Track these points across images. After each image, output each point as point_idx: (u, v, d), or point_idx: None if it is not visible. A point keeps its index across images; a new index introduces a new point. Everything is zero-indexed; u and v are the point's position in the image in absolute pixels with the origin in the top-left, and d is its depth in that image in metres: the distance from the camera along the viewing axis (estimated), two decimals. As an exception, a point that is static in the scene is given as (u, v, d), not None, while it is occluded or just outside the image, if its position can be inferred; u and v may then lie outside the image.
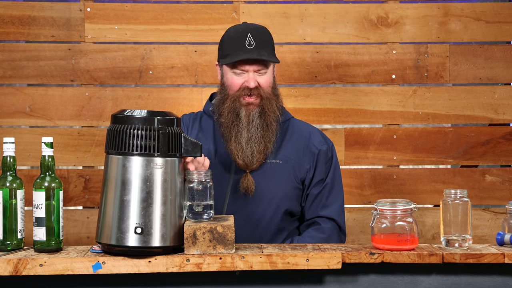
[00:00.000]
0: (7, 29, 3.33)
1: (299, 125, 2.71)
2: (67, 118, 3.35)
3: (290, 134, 2.66)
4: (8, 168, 2.20)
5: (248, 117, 2.55)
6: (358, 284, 2.16)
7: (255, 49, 2.53)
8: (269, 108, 2.56)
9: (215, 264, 2.10)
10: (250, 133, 2.55)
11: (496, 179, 3.42)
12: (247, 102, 2.55)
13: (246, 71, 2.54)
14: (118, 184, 2.11)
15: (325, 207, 2.62)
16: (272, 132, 2.57)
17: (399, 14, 3.40)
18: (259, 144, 2.55)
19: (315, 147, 2.64)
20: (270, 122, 2.57)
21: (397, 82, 3.41)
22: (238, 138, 2.55)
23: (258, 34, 2.57)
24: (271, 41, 2.61)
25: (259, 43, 2.55)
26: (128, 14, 3.36)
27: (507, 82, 3.46)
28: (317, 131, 2.71)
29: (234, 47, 2.55)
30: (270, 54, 2.57)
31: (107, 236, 2.11)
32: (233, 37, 2.57)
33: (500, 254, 2.14)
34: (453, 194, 2.22)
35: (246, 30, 2.57)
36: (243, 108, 2.55)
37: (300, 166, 2.61)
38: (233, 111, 2.56)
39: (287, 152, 2.62)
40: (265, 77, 2.57)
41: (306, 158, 2.63)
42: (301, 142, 2.64)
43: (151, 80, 3.37)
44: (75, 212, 3.38)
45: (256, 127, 2.55)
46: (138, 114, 2.12)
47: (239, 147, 2.55)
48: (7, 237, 2.18)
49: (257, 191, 2.57)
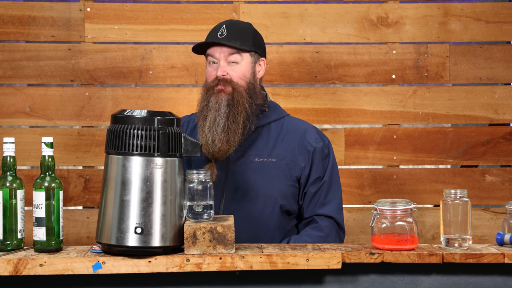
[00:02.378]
0: (7, 29, 3.33)
1: (294, 122, 2.69)
2: (67, 118, 3.35)
3: (285, 132, 2.64)
4: (8, 168, 2.20)
5: (215, 104, 2.53)
6: (358, 284, 2.17)
7: (225, 38, 2.55)
8: (238, 99, 2.53)
9: (215, 264, 2.10)
10: (215, 120, 2.51)
11: (496, 179, 3.42)
12: (218, 89, 2.54)
13: (218, 59, 2.56)
14: (118, 184, 2.11)
15: (323, 205, 2.61)
16: (237, 123, 2.52)
17: (399, 14, 3.40)
18: (221, 133, 2.50)
19: (310, 145, 2.62)
20: (237, 114, 2.53)
21: (397, 82, 3.41)
22: (203, 127, 2.53)
23: (234, 26, 2.59)
24: (249, 35, 2.59)
25: (231, 34, 2.55)
26: (128, 14, 3.36)
27: (507, 82, 3.46)
28: (313, 128, 2.69)
29: (208, 37, 2.60)
30: (243, 45, 2.56)
31: (107, 236, 2.11)
32: (211, 30, 2.62)
33: (500, 254, 2.14)
34: (453, 194, 2.22)
35: (224, 22, 2.60)
36: (213, 96, 2.54)
37: (295, 164, 2.59)
38: (205, 100, 2.56)
39: (282, 151, 2.60)
40: (237, 68, 2.56)
41: (301, 156, 2.60)
42: (296, 140, 2.62)
43: (151, 80, 3.37)
44: (75, 212, 3.38)
45: (221, 115, 2.51)
46: (138, 114, 2.12)
47: (203, 136, 2.52)
48: (7, 237, 2.18)
49: (252, 189, 2.56)
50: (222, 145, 2.51)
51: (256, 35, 2.63)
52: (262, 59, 2.64)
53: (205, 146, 2.51)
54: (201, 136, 2.53)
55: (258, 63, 2.63)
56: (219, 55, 2.55)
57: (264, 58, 2.65)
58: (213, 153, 2.52)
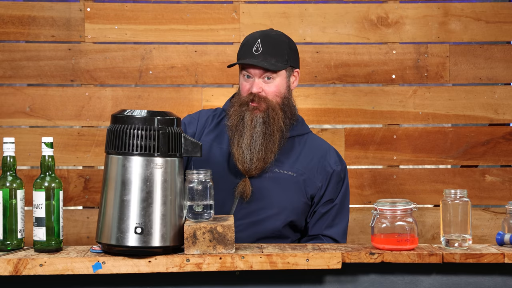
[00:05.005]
0: (7, 29, 3.34)
1: (317, 141, 2.69)
2: (67, 118, 3.35)
3: (307, 148, 2.64)
4: (8, 168, 2.20)
5: (251, 122, 2.54)
6: (358, 284, 2.17)
7: (261, 55, 2.53)
8: (274, 117, 2.54)
9: (215, 264, 2.10)
10: (252, 139, 2.53)
11: (496, 179, 3.42)
12: (253, 107, 2.54)
13: (253, 76, 2.55)
14: (118, 184, 2.11)
15: (330, 227, 2.62)
16: (273, 142, 2.54)
17: (399, 14, 3.40)
18: (259, 151, 2.53)
19: (330, 167, 2.62)
20: (273, 132, 2.54)
21: (397, 82, 3.41)
22: (240, 143, 2.54)
23: (269, 40, 2.56)
24: (284, 49, 2.57)
25: (266, 50, 2.54)
26: (128, 14, 3.36)
27: (507, 82, 3.46)
28: (334, 150, 2.69)
29: (243, 51, 2.57)
30: (279, 62, 2.54)
31: (107, 236, 2.11)
32: (245, 42, 2.59)
33: (500, 254, 2.14)
34: (453, 194, 2.22)
35: (258, 35, 2.57)
36: (248, 113, 2.54)
37: (312, 183, 2.60)
38: (239, 115, 2.56)
39: (302, 167, 2.60)
40: (271, 85, 2.55)
41: (320, 176, 2.61)
42: (317, 159, 2.62)
43: (151, 80, 3.37)
44: (75, 212, 3.38)
45: (258, 133, 2.53)
46: (138, 114, 2.12)
47: (240, 152, 2.54)
48: (7, 237, 2.18)
49: (268, 198, 2.55)
50: (259, 163, 2.53)
51: (291, 46, 2.60)
52: (297, 70, 2.63)
53: (241, 163, 2.53)
54: (236, 151, 2.54)
55: (293, 75, 2.62)
56: (254, 72, 2.55)
57: (298, 68, 2.64)
58: (249, 170, 2.54)
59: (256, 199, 2.55)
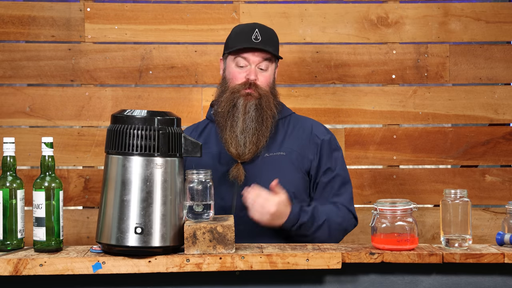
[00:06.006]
0: (7, 29, 3.33)
1: (301, 119, 2.75)
2: (67, 118, 3.35)
3: (292, 127, 2.69)
4: (8, 168, 2.20)
5: (245, 107, 2.58)
6: (358, 284, 2.17)
7: (261, 43, 2.59)
8: (266, 103, 2.60)
9: (215, 264, 2.10)
10: (245, 123, 2.58)
11: (496, 179, 3.42)
12: (246, 93, 2.59)
13: (249, 63, 2.59)
14: (118, 184, 2.11)
15: (337, 196, 2.64)
16: (266, 127, 2.60)
17: (399, 14, 3.40)
18: (252, 135, 2.57)
19: (318, 137, 2.67)
20: (266, 117, 2.60)
21: (397, 82, 3.41)
22: (233, 127, 2.58)
23: (266, 31, 2.64)
24: (277, 42, 2.68)
25: (265, 39, 2.61)
26: (128, 14, 3.36)
27: (507, 82, 3.46)
28: (319, 123, 2.75)
29: (240, 39, 2.61)
30: (275, 52, 2.64)
31: (107, 236, 2.11)
32: (239, 32, 2.64)
33: (500, 254, 2.14)
34: (453, 194, 2.22)
35: (253, 26, 2.64)
36: (241, 98, 2.59)
37: (303, 158, 2.64)
38: (231, 101, 2.60)
39: (290, 144, 2.65)
40: (266, 74, 2.62)
41: (310, 149, 2.65)
42: (304, 134, 2.68)
43: (151, 80, 3.37)
44: (75, 212, 3.38)
45: (251, 118, 2.58)
46: (138, 114, 2.12)
47: (233, 136, 2.58)
48: (7, 237, 2.18)
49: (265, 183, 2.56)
50: (252, 147, 2.57)
51: (278, 42, 2.70)
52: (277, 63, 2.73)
53: (234, 147, 2.57)
54: (229, 136, 2.58)
55: (277, 67, 2.71)
56: (253, 59, 2.60)
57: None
58: (242, 154, 2.57)
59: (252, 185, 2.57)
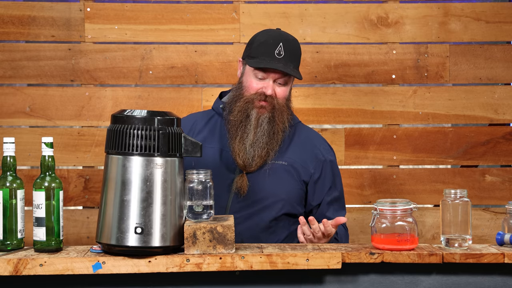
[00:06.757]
0: (7, 29, 3.33)
1: (306, 130, 2.73)
2: (67, 118, 3.35)
3: (297, 137, 2.67)
4: (8, 168, 2.20)
5: (257, 120, 2.56)
6: (358, 284, 2.17)
7: (283, 60, 2.55)
8: (279, 117, 2.57)
9: (215, 264, 2.10)
10: (256, 136, 2.56)
11: (496, 179, 3.42)
12: (260, 105, 2.56)
13: (268, 77, 2.56)
14: (118, 184, 2.11)
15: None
16: (276, 141, 2.58)
17: (399, 14, 3.40)
18: (262, 149, 2.56)
19: (322, 155, 2.66)
20: (277, 131, 2.58)
21: (397, 82, 3.41)
22: (243, 139, 2.57)
23: (290, 45, 2.58)
24: (299, 55, 2.63)
25: (288, 55, 2.56)
26: (128, 14, 3.36)
27: (507, 82, 3.46)
28: (323, 139, 2.74)
29: (263, 51, 2.56)
30: (296, 68, 2.59)
31: (107, 236, 2.11)
32: (264, 42, 2.58)
33: (500, 254, 2.14)
34: (453, 194, 2.22)
35: (279, 38, 2.58)
36: (255, 110, 2.57)
37: (304, 169, 2.63)
38: (244, 111, 2.57)
39: (293, 155, 2.63)
40: (283, 88, 2.58)
41: (312, 163, 2.64)
42: (307, 147, 2.66)
43: (151, 80, 3.37)
44: (75, 212, 3.38)
45: (263, 131, 2.56)
46: (138, 114, 2.12)
47: (242, 148, 2.56)
48: (7, 237, 2.18)
49: (262, 190, 2.57)
50: (259, 160, 2.57)
51: (300, 54, 2.64)
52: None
53: (242, 159, 2.56)
54: (238, 146, 2.56)
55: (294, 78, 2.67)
56: (273, 75, 2.56)
57: None
58: (248, 166, 2.57)
59: (251, 191, 2.58)
